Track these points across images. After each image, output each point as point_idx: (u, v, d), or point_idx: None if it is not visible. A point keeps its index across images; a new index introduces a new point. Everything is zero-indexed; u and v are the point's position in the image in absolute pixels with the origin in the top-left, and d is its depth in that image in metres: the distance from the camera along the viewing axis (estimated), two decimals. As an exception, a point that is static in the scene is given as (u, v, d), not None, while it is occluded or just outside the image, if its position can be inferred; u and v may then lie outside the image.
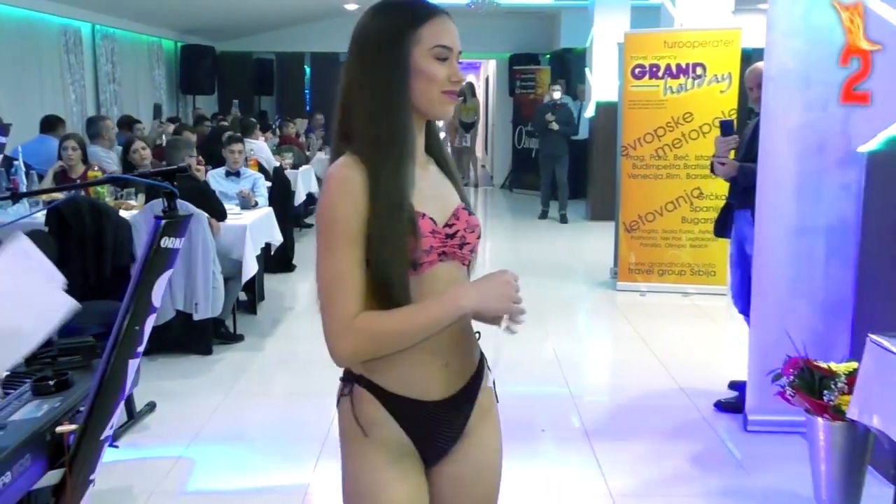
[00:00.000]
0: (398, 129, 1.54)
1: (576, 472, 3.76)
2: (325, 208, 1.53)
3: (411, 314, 1.52)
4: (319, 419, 4.24)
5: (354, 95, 1.56)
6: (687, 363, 5.30)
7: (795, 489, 3.45)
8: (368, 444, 1.61)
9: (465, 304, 1.53)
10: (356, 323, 1.50)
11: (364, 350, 1.54)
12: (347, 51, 1.58)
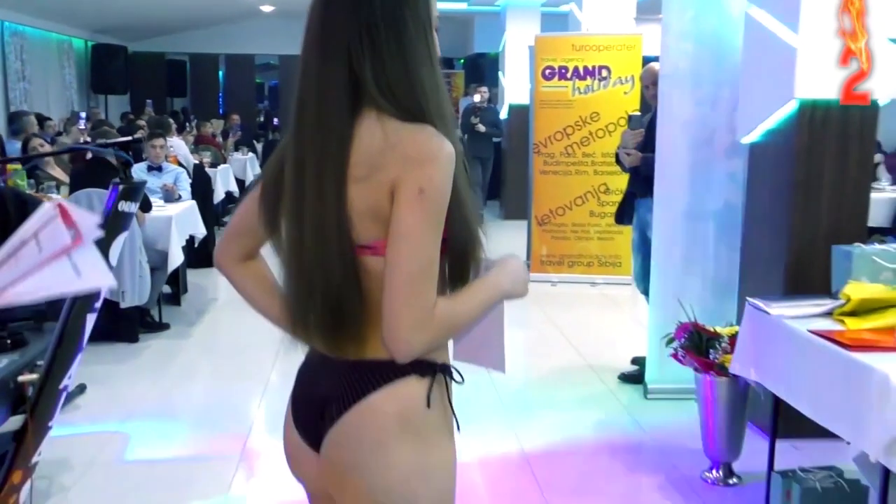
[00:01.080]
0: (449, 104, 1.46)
1: (492, 434, 4.07)
2: (440, 185, 1.34)
3: (473, 299, 1.44)
4: (248, 399, 4.45)
5: (415, 66, 1.38)
6: (594, 343, 5.69)
7: (688, 444, 3.83)
8: (449, 433, 1.49)
9: (506, 288, 1.50)
10: (437, 312, 1.36)
11: (440, 339, 1.42)
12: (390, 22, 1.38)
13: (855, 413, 2.50)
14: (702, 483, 3.56)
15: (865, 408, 2.44)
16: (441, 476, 1.45)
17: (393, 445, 1.39)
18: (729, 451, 3.52)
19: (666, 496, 3.45)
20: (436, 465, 1.44)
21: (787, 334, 2.96)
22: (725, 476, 3.54)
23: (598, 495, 3.48)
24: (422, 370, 1.41)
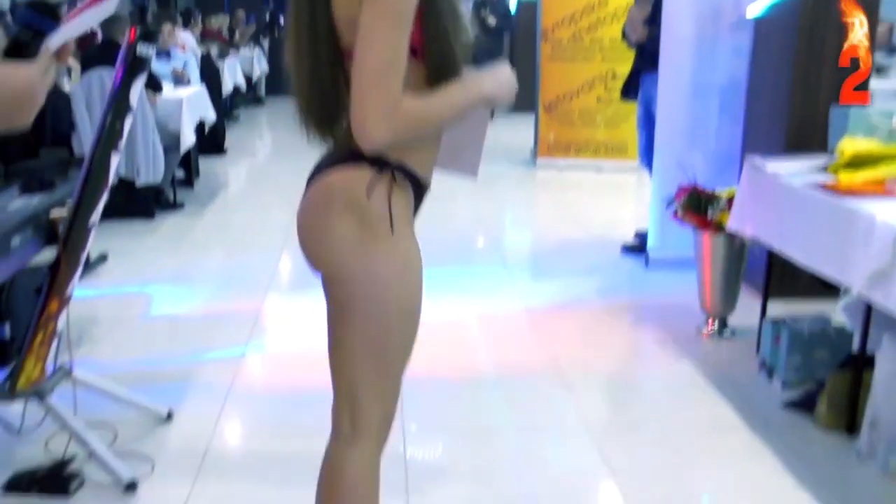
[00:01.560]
0: None
1: (499, 297, 4.24)
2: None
3: (447, 99, 1.49)
4: (262, 266, 4.63)
5: None
6: (598, 221, 5.83)
7: (685, 305, 3.99)
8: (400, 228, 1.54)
9: (487, 92, 1.53)
10: (404, 105, 1.42)
11: (403, 134, 1.46)
12: None
13: (842, 253, 2.63)
14: (697, 336, 3.73)
15: (852, 246, 2.57)
16: (383, 268, 1.53)
17: (334, 217, 1.52)
18: (724, 305, 3.69)
19: (663, 348, 3.63)
20: (378, 254, 1.52)
21: (783, 189, 3.07)
22: (720, 329, 3.72)
23: (599, 348, 3.66)
24: (378, 164, 1.50)
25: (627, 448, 2.81)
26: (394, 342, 1.60)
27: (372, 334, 1.58)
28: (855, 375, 2.80)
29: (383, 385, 1.63)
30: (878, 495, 2.53)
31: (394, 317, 1.58)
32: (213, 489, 2.54)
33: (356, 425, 1.63)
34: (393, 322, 1.58)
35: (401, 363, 1.64)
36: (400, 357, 1.63)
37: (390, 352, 1.61)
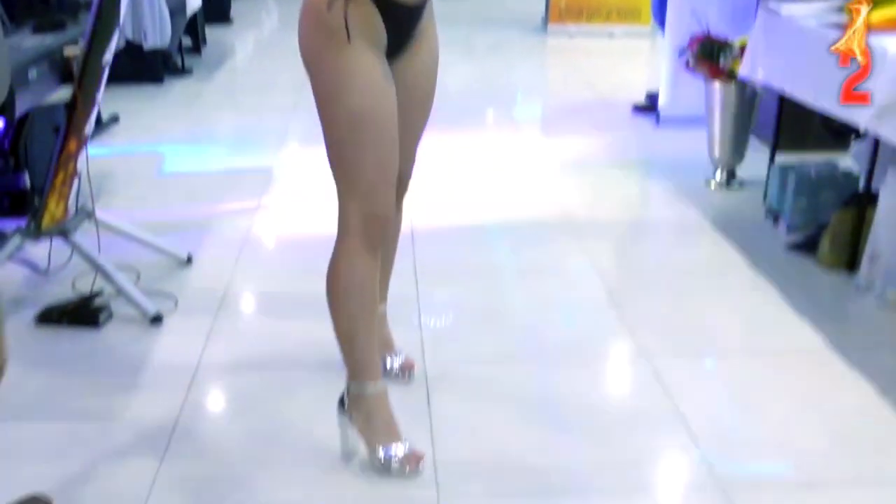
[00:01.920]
0: None
1: (510, 154, 4.27)
2: None
3: None
4: (274, 125, 4.65)
5: None
6: (610, 84, 5.78)
7: (694, 158, 4.01)
8: (356, 40, 1.69)
9: None
10: None
11: None
12: None
13: (852, 89, 2.63)
14: (706, 188, 3.77)
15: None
16: (334, 73, 1.72)
17: (306, 27, 1.75)
18: (733, 156, 3.71)
19: (672, 199, 3.67)
20: (331, 60, 1.71)
21: (797, 31, 3.04)
22: (728, 180, 3.75)
23: (609, 200, 3.71)
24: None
25: (635, 288, 2.90)
26: (346, 142, 1.75)
27: (328, 133, 1.77)
28: (858, 212, 2.85)
29: (349, 184, 1.79)
30: (874, 324, 2.62)
31: (342, 120, 1.74)
32: (233, 323, 2.66)
33: (339, 222, 1.83)
34: (342, 124, 1.74)
35: (365, 166, 1.76)
36: (360, 159, 1.76)
37: (346, 151, 1.76)
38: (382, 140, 1.77)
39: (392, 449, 1.88)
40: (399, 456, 1.88)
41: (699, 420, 2.12)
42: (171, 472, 1.93)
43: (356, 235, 1.81)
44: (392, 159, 1.81)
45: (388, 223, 1.89)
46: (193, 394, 2.24)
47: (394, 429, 1.91)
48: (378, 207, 1.81)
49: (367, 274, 1.85)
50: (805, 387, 2.30)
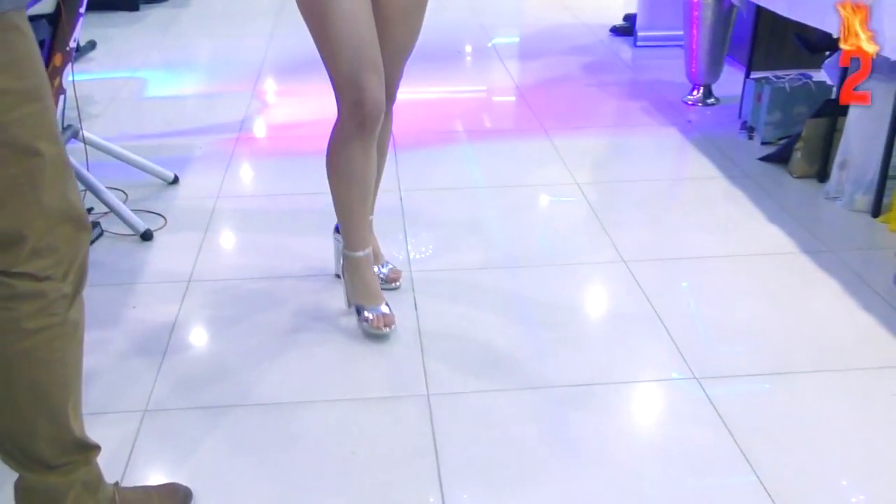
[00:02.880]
0: None
1: (490, 77, 4.30)
2: None
3: None
4: (252, 50, 4.64)
5: None
6: (587, 6, 5.79)
7: (671, 78, 4.07)
8: None
9: None
10: None
11: None
12: None
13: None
14: (683, 104, 3.83)
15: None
16: None
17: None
18: (709, 73, 3.76)
19: (649, 116, 3.74)
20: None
21: (771, -58, 3.07)
22: (705, 97, 3.82)
23: (588, 117, 3.76)
24: None
25: (614, 197, 2.98)
26: (321, 36, 1.87)
27: (309, 30, 1.90)
28: (830, 122, 2.93)
29: (334, 75, 1.91)
30: (842, 228, 2.72)
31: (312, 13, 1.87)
32: (222, 238, 2.72)
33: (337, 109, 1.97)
34: (312, 18, 1.87)
35: (342, 56, 1.86)
36: (337, 51, 1.86)
37: (324, 45, 1.89)
38: (351, 29, 1.85)
39: (366, 311, 2.12)
40: (370, 317, 2.11)
41: (674, 317, 2.23)
42: (171, 369, 2.02)
43: (347, 120, 1.95)
44: (366, 49, 1.88)
45: (377, 109, 1.94)
46: (188, 303, 2.31)
47: (372, 291, 2.14)
48: (363, 94, 1.90)
49: (357, 157, 2.00)
50: (775, 286, 2.40)
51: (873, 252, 2.54)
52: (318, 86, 3.85)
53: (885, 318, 2.21)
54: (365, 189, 2.08)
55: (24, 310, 1.21)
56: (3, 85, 1.13)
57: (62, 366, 1.28)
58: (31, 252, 1.20)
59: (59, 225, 1.23)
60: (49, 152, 1.20)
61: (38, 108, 1.18)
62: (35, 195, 1.19)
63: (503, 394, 1.94)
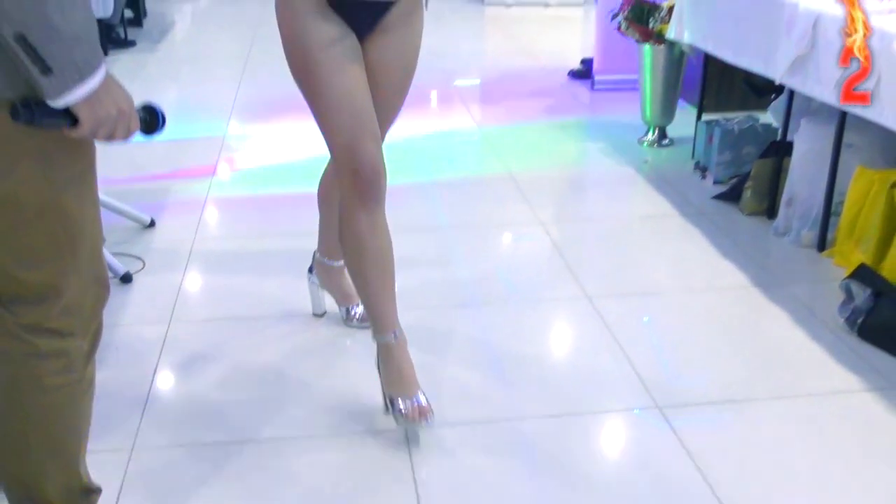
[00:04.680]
0: None
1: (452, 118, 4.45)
2: None
3: None
4: (226, 94, 4.74)
5: None
6: (546, 51, 6.00)
7: (628, 119, 4.25)
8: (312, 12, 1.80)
9: None
10: None
11: None
12: None
13: (768, 45, 2.87)
14: (639, 146, 4.01)
15: (776, 37, 2.81)
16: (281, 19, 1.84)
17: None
18: (663, 115, 3.95)
19: (609, 155, 3.90)
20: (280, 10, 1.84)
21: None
22: (660, 138, 3.99)
23: (549, 158, 3.91)
24: None
25: (576, 235, 3.12)
26: (312, 100, 1.85)
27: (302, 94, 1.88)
28: (776, 161, 3.11)
29: (330, 143, 1.89)
30: (791, 261, 2.89)
31: (299, 76, 1.85)
32: (200, 280, 2.80)
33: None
34: (301, 80, 1.85)
35: (335, 123, 1.85)
36: (324, 114, 1.85)
37: (317, 112, 1.86)
38: (347, 99, 1.82)
39: (400, 401, 1.94)
40: (404, 408, 1.93)
41: (637, 350, 2.35)
42: (156, 409, 2.09)
43: (348, 191, 1.89)
44: (363, 117, 1.85)
45: (376, 176, 1.88)
46: (169, 343, 2.38)
47: (406, 380, 1.96)
48: (361, 164, 1.85)
49: (364, 230, 1.90)
50: (729, 318, 2.55)
51: (820, 285, 2.70)
52: (288, 129, 3.99)
53: (832, 347, 2.36)
54: (380, 264, 1.95)
55: (47, 368, 1.29)
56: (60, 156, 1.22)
57: (77, 418, 1.36)
58: (62, 309, 1.29)
59: (90, 284, 1.32)
60: (90, 215, 1.29)
61: (87, 172, 1.28)
62: (73, 254, 1.28)
63: (474, 427, 2.04)
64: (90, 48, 1.13)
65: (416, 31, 1.99)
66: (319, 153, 2.06)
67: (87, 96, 1.14)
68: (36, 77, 1.10)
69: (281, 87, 2.01)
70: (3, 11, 1.04)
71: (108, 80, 1.17)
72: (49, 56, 1.08)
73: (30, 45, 1.06)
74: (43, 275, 1.25)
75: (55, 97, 1.12)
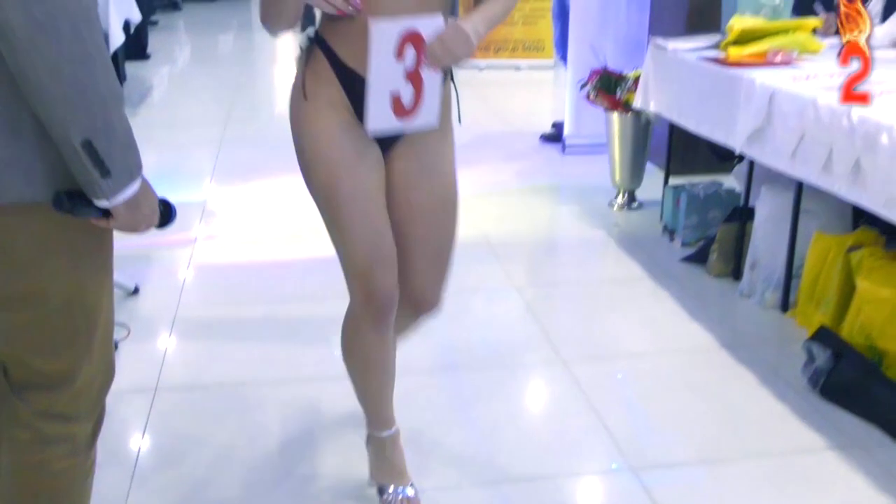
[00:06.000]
0: None
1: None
2: None
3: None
4: (204, 158, 4.83)
5: None
6: (517, 114, 6.18)
7: (598, 182, 4.39)
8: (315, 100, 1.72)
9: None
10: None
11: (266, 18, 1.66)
12: None
13: (728, 117, 3.03)
14: (609, 209, 4.15)
15: (735, 110, 2.96)
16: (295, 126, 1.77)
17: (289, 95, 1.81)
18: (631, 180, 4.10)
19: (579, 220, 4.03)
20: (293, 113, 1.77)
21: (681, 64, 3.44)
22: (629, 202, 4.14)
23: (522, 222, 4.04)
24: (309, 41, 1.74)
25: (549, 299, 3.22)
26: (327, 222, 1.78)
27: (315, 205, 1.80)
28: (740, 226, 3.25)
29: (344, 263, 1.81)
30: (756, 322, 3.01)
31: (315, 195, 1.78)
32: (187, 345, 2.86)
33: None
34: (317, 200, 1.78)
35: (351, 246, 1.76)
36: (344, 238, 1.76)
37: (332, 232, 1.79)
38: (363, 223, 1.75)
39: (389, 491, 1.99)
40: (392, 499, 1.98)
41: (610, 412, 2.44)
42: (143, 479, 2.13)
43: (359, 309, 1.83)
44: (380, 243, 1.78)
45: (390, 300, 1.82)
46: (156, 412, 2.43)
47: (397, 470, 2.01)
48: (375, 289, 1.78)
49: (373, 346, 1.87)
50: (699, 380, 2.65)
51: (784, 345, 2.82)
52: (269, 193, 4.08)
53: (797, 406, 2.46)
54: (384, 375, 1.96)
55: (54, 453, 1.35)
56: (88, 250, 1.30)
57: (80, 496, 1.42)
58: (73, 395, 1.35)
59: (99, 372, 1.39)
60: (107, 303, 1.37)
61: (108, 261, 1.36)
62: (89, 343, 1.35)
63: (453, 491, 2.11)
64: (136, 152, 1.24)
65: (448, 143, 1.91)
66: (300, 217, 2.12)
67: (132, 196, 1.23)
68: (95, 179, 1.17)
69: (261, 152, 2.09)
70: (73, 119, 1.12)
71: (144, 182, 1.27)
72: (110, 160, 1.17)
73: (95, 149, 1.15)
74: (59, 364, 1.32)
75: (109, 197, 1.20)
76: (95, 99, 1.14)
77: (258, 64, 9.15)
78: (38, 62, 1.08)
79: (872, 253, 2.63)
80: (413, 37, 1.62)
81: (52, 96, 1.10)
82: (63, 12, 1.08)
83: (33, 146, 1.17)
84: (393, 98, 1.67)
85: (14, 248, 1.22)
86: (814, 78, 2.86)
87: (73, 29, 1.09)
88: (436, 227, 1.91)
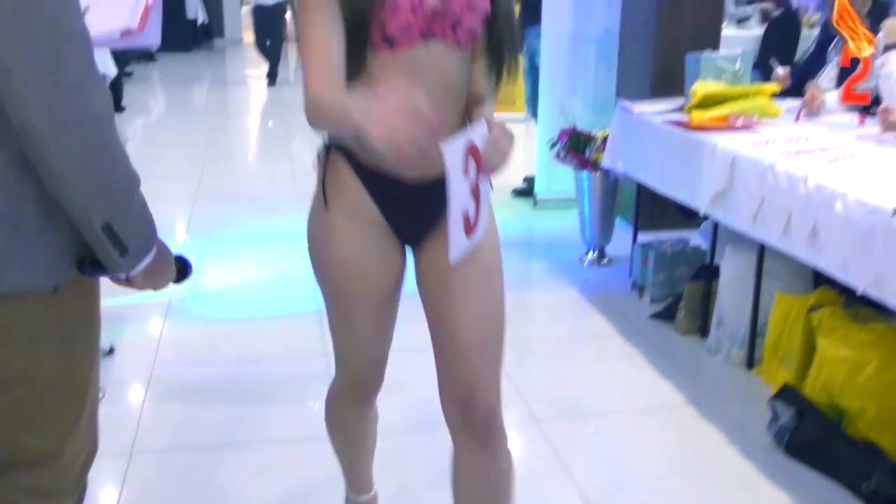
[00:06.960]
0: None
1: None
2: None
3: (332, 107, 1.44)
4: (180, 213, 4.86)
5: None
6: (490, 167, 6.27)
7: (569, 239, 4.48)
8: (336, 210, 1.62)
9: (355, 119, 1.35)
10: (314, 99, 1.45)
11: (318, 125, 1.51)
12: None
13: (691, 179, 3.13)
14: (580, 265, 4.23)
15: (699, 173, 3.07)
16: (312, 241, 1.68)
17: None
18: (601, 236, 4.19)
19: (550, 276, 4.11)
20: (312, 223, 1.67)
21: (646, 127, 3.56)
22: (599, 258, 4.22)
23: (494, 277, 4.10)
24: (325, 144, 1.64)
25: (519, 357, 3.27)
26: (330, 319, 1.77)
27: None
28: (706, 284, 3.34)
29: (337, 356, 1.85)
30: (722, 379, 3.08)
31: (323, 293, 1.73)
32: (162, 407, 2.87)
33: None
34: (325, 297, 1.74)
35: (347, 347, 1.81)
36: (341, 338, 1.80)
37: (332, 327, 1.79)
38: (364, 322, 1.74)
39: None
40: None
41: (581, 470, 2.49)
42: (118, 548, 2.14)
43: (346, 390, 1.90)
44: (376, 342, 1.82)
45: (376, 390, 1.91)
46: (131, 476, 2.44)
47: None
48: (362, 381, 1.88)
49: (352, 422, 1.96)
50: (668, 438, 2.71)
51: (750, 402, 2.89)
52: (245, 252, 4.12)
53: (762, 464, 2.53)
54: (364, 447, 2.04)
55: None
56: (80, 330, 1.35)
57: None
58: (58, 471, 1.37)
59: (84, 448, 1.42)
60: (93, 377, 1.40)
61: (97, 336, 1.40)
62: (77, 418, 1.38)
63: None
64: (152, 225, 1.31)
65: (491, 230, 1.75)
66: (276, 279, 2.15)
67: (149, 265, 1.31)
68: (114, 258, 1.25)
69: (236, 205, 2.12)
70: (94, 206, 1.19)
71: (160, 245, 1.34)
72: (128, 240, 1.24)
73: (114, 232, 1.22)
74: (47, 441, 1.35)
75: (127, 271, 1.28)
76: (114, 187, 1.21)
77: (232, 116, 9.25)
78: (63, 159, 1.14)
79: (832, 313, 2.72)
80: (472, 149, 1.49)
81: (74, 187, 1.17)
82: (86, 114, 1.14)
83: (33, 239, 1.22)
84: (465, 217, 1.55)
85: (9, 332, 1.26)
86: (773, 143, 2.98)
87: (95, 127, 1.16)
88: (482, 298, 1.78)
